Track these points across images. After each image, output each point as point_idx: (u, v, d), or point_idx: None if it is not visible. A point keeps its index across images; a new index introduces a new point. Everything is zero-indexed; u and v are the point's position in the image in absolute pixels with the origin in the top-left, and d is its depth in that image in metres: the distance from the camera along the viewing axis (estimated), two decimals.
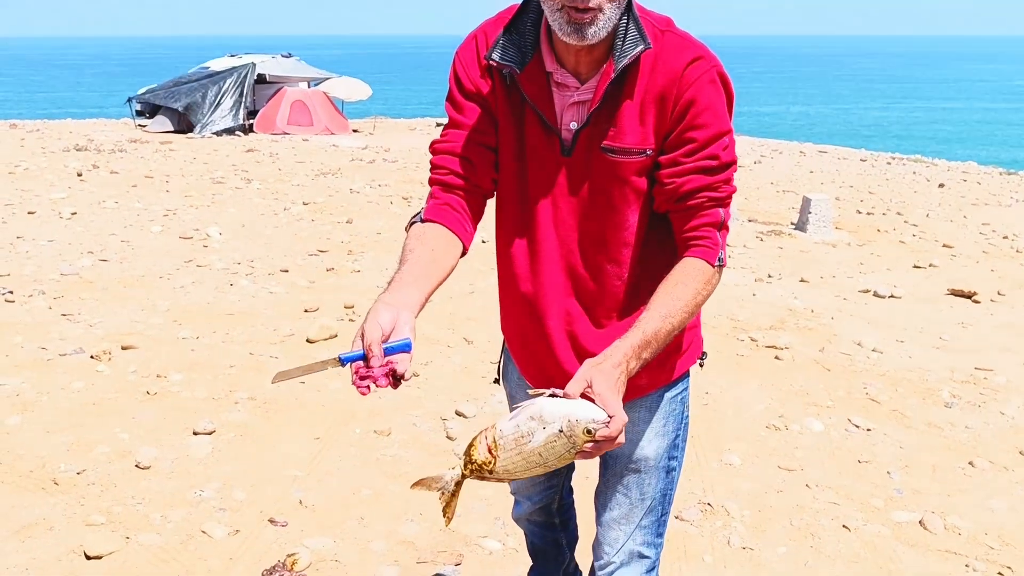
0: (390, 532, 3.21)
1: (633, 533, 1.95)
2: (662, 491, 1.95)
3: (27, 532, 3.09)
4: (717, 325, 5.79)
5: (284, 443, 3.86)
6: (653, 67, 1.61)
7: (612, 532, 1.97)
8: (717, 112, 1.60)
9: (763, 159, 15.38)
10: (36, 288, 5.94)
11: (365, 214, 9.16)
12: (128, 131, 16.53)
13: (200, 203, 9.39)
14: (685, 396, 1.93)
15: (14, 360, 4.64)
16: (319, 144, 15.61)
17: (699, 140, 1.60)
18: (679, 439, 1.95)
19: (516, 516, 2.38)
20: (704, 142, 1.60)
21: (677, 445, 1.95)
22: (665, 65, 1.60)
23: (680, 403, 1.92)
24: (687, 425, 1.98)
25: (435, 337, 5.29)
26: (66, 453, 3.66)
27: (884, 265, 7.70)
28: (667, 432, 1.91)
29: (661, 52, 1.61)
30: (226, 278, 6.47)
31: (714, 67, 1.61)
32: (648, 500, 1.94)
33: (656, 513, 1.96)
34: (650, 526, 1.96)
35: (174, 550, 3.02)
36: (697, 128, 1.60)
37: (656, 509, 1.95)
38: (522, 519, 2.37)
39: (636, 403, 1.83)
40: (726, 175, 1.63)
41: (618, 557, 1.97)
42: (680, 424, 1.94)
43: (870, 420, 4.34)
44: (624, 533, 1.95)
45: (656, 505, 1.95)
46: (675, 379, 1.88)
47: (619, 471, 1.93)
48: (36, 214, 8.39)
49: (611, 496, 1.96)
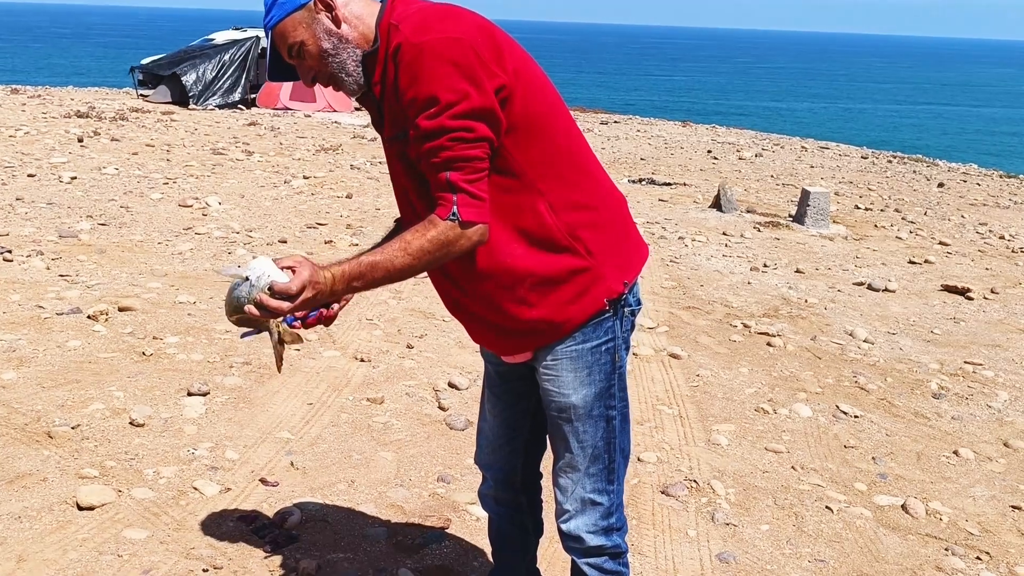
0: (379, 496, 3.25)
1: (581, 480, 2.04)
2: (604, 439, 2.02)
3: (20, 482, 3.12)
4: (711, 311, 5.83)
5: (277, 407, 3.89)
6: (385, 65, 1.82)
7: (561, 480, 2.08)
8: (418, 85, 1.73)
9: (764, 152, 15.39)
10: (34, 249, 5.96)
11: (365, 190, 9.17)
12: (130, 100, 16.48)
13: (200, 173, 9.39)
14: (611, 347, 1.99)
15: (12, 317, 4.66)
16: (321, 120, 15.58)
17: (410, 117, 1.76)
18: (614, 388, 2.01)
19: (482, 493, 2.43)
20: (412, 119, 1.75)
21: (613, 395, 2.01)
22: (389, 60, 1.81)
23: (606, 354, 1.98)
24: (622, 376, 2.04)
25: (431, 311, 5.33)
26: (60, 408, 3.69)
27: (879, 260, 7.74)
28: (593, 382, 1.98)
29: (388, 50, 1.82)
30: (224, 246, 6.49)
31: (409, 47, 1.74)
32: (590, 448, 2.02)
33: (603, 461, 2.04)
34: (598, 474, 2.04)
35: (166, 504, 3.06)
36: (408, 106, 1.76)
37: (602, 457, 2.03)
38: (488, 497, 2.41)
39: (558, 353, 1.97)
40: (438, 142, 1.73)
41: (571, 505, 2.07)
42: (610, 374, 2.00)
43: (858, 407, 4.38)
44: (572, 481, 2.06)
45: (601, 453, 2.03)
46: (577, 326, 1.94)
47: (555, 421, 2.04)
48: (36, 177, 8.39)
49: (555, 446, 2.09)
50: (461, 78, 1.71)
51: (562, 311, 1.92)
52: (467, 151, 1.73)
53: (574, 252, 1.89)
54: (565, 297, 1.91)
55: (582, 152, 1.96)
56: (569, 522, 2.08)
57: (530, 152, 1.84)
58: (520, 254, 1.87)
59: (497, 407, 2.27)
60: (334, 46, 1.83)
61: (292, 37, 1.83)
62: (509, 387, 2.22)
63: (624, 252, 2.00)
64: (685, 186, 11.00)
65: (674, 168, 12.65)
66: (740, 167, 13.37)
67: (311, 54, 1.84)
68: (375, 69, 1.84)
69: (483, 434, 2.34)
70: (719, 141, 16.76)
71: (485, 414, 2.32)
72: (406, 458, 3.56)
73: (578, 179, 1.92)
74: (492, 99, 1.74)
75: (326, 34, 1.82)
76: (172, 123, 13.31)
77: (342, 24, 1.83)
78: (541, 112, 1.86)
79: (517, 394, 2.22)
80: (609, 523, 2.07)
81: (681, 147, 15.29)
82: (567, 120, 1.95)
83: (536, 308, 1.91)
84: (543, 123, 1.86)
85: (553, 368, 1.98)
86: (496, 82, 1.75)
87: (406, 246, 1.77)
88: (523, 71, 1.83)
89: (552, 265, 1.89)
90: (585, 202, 1.92)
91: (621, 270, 1.97)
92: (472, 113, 1.72)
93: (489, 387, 2.28)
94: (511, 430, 2.27)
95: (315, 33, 1.82)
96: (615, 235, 1.98)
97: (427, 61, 1.72)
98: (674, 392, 4.43)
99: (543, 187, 1.86)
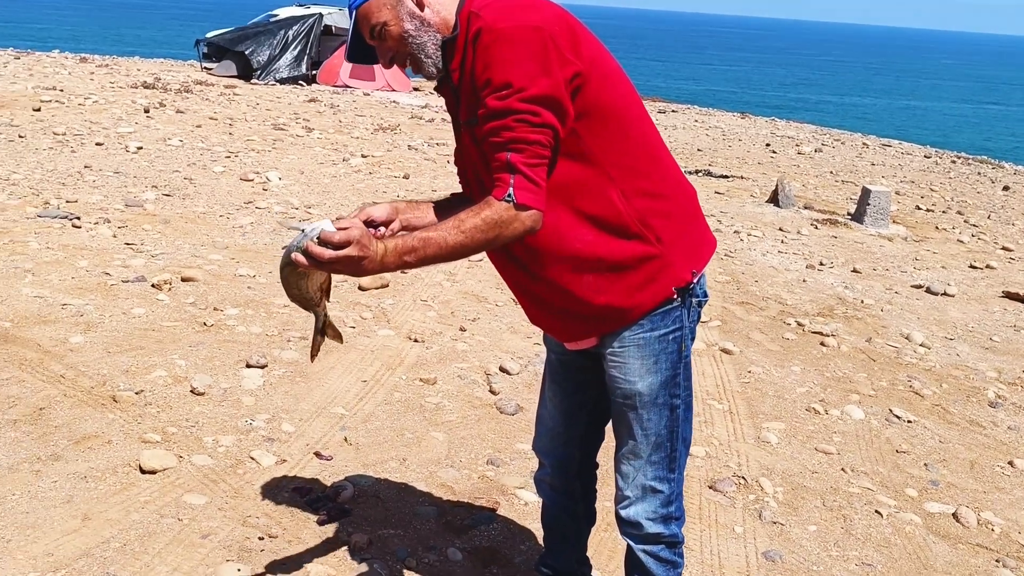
0: (430, 475, 3.31)
1: (643, 467, 2.08)
2: (668, 427, 2.05)
3: (87, 443, 3.24)
4: (765, 307, 5.78)
5: (332, 382, 3.97)
6: (463, 49, 1.87)
7: (623, 466, 2.11)
8: (492, 68, 1.77)
9: (824, 147, 15.15)
10: (101, 216, 6.12)
11: (422, 171, 9.24)
12: (194, 73, 16.76)
13: (261, 148, 9.53)
14: (678, 336, 2.01)
15: (80, 282, 4.81)
16: (379, 99, 15.71)
17: (480, 97, 1.80)
18: (679, 377, 2.04)
19: (537, 478, 2.47)
20: (483, 99, 1.79)
21: (678, 384, 2.04)
22: (469, 46, 1.85)
23: (673, 343, 2.01)
24: (688, 365, 2.06)
25: (484, 295, 5.37)
26: (125, 374, 3.81)
27: (939, 263, 7.60)
28: (660, 370, 2.01)
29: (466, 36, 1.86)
30: (283, 221, 6.60)
31: (489, 31, 1.78)
32: (653, 436, 2.05)
33: (665, 449, 2.06)
34: (660, 462, 2.07)
35: (224, 472, 3.15)
36: (480, 88, 1.80)
37: (664, 445, 2.06)
38: (543, 483, 2.44)
39: (626, 340, 2.00)
40: (503, 121, 1.76)
41: (631, 492, 2.10)
42: (676, 363, 2.03)
43: (911, 412, 4.33)
44: (634, 468, 2.09)
45: (664, 441, 2.06)
46: (645, 313, 1.97)
47: (619, 408, 2.07)
48: (104, 146, 8.60)
49: (618, 432, 2.12)
50: (535, 65, 1.75)
51: (630, 297, 1.94)
52: (530, 134, 1.76)
53: (644, 239, 1.92)
54: (634, 284, 1.93)
55: (654, 142, 1.99)
56: (629, 508, 2.11)
57: (603, 139, 1.87)
58: (590, 239, 1.89)
59: (558, 395, 2.29)
60: (416, 28, 1.87)
61: (376, 18, 1.88)
62: (570, 376, 2.25)
63: (693, 242, 2.02)
64: (742, 179, 10.89)
65: (731, 160, 12.52)
66: (799, 162, 13.19)
67: (392, 35, 1.89)
68: (454, 55, 1.88)
69: (542, 421, 2.37)
70: (778, 134, 16.55)
71: (545, 401, 2.35)
72: (457, 439, 3.61)
73: (650, 168, 1.95)
74: (562, 89, 1.77)
75: (409, 16, 1.87)
76: (235, 97, 13.52)
77: (425, 7, 1.88)
78: (615, 101, 1.90)
79: (577, 383, 2.25)
80: (668, 511, 2.11)
81: (739, 139, 15.12)
82: (640, 110, 1.97)
83: (604, 294, 1.94)
84: (616, 111, 1.89)
85: (620, 355, 2.01)
86: (570, 69, 1.79)
87: (459, 224, 1.78)
88: (598, 60, 1.87)
89: (622, 251, 1.91)
90: (656, 190, 1.95)
91: (690, 259, 2.00)
92: (540, 99, 1.75)
93: (550, 375, 2.31)
94: (570, 419, 2.30)
95: (398, 14, 1.87)
96: (684, 225, 2.00)
97: (504, 46, 1.76)
98: (725, 387, 4.42)
99: (615, 174, 1.89)
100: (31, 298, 4.50)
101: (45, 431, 3.28)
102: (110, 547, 2.66)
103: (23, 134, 8.67)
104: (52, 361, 3.84)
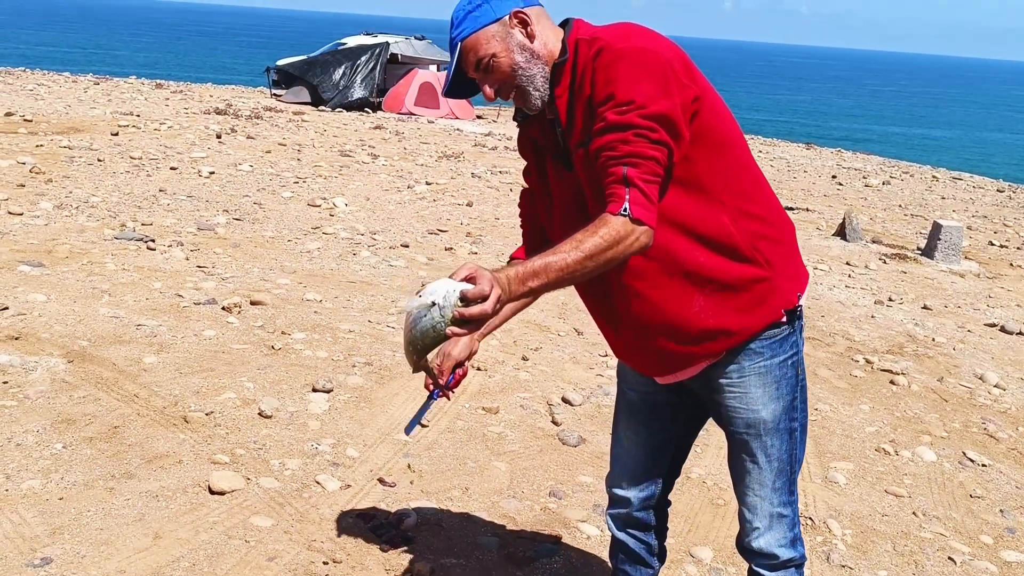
0: (492, 505, 3.31)
1: (769, 496, 2.09)
2: (788, 451, 2.07)
3: (159, 462, 3.31)
4: (832, 343, 5.68)
5: (396, 409, 4.00)
6: (571, 73, 1.89)
7: (749, 498, 2.12)
8: (614, 84, 1.78)
9: (892, 180, 14.88)
10: (175, 239, 6.29)
11: (485, 199, 9.32)
12: (264, 99, 17.20)
13: (328, 174, 9.72)
14: (795, 360, 2.04)
15: (153, 303, 4.94)
16: (444, 127, 15.90)
17: (599, 112, 1.80)
18: (797, 401, 2.07)
19: (611, 514, 2.41)
20: (602, 113, 1.79)
21: (796, 407, 2.07)
22: (580, 67, 1.88)
23: (791, 367, 2.04)
24: (804, 388, 2.09)
25: (546, 325, 5.37)
26: (196, 395, 3.90)
27: (1014, 301, 7.38)
28: (781, 395, 2.03)
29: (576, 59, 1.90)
30: (349, 247, 6.71)
31: (611, 51, 1.81)
32: (776, 462, 2.07)
33: (786, 474, 2.09)
34: (783, 487, 2.09)
35: (290, 495, 3.19)
36: (600, 104, 1.80)
37: (785, 470, 2.08)
38: (618, 519, 2.39)
39: (746, 370, 2.01)
40: (622, 135, 1.75)
41: (761, 522, 2.11)
42: (795, 387, 2.06)
43: (986, 456, 4.20)
44: (761, 498, 2.10)
45: (784, 466, 2.08)
46: (752, 336, 1.98)
47: (741, 438, 2.07)
48: (177, 170, 8.85)
49: (741, 463, 2.11)
50: (655, 85, 1.78)
51: (739, 320, 1.95)
52: (648, 149, 1.76)
53: (755, 262, 1.93)
54: (742, 305, 1.94)
55: (758, 171, 2.03)
56: (760, 539, 2.11)
57: (715, 163, 1.89)
58: (703, 261, 1.90)
59: (641, 435, 2.27)
60: (526, 60, 1.89)
61: (484, 50, 1.89)
62: (656, 413, 2.24)
63: (795, 267, 2.05)
64: (808, 211, 10.75)
65: (797, 192, 12.37)
66: (866, 194, 12.97)
67: (501, 67, 1.90)
68: (561, 80, 1.90)
69: (620, 461, 2.34)
70: (844, 166, 16.31)
71: (621, 440, 2.32)
72: (519, 470, 3.61)
73: (757, 195, 1.98)
74: (678, 111, 1.80)
75: (519, 48, 1.89)
76: (303, 124, 13.81)
77: (535, 39, 1.91)
78: (724, 127, 1.93)
79: (664, 420, 2.24)
80: (795, 534, 2.13)
81: (804, 171, 14.94)
82: (744, 140, 2.01)
83: (712, 316, 1.94)
84: (726, 138, 1.92)
85: (740, 385, 2.02)
86: (689, 93, 1.82)
87: (578, 244, 1.72)
88: (709, 90, 1.91)
89: (733, 272, 1.92)
90: (763, 215, 1.97)
91: (794, 283, 2.02)
92: (659, 117, 1.77)
93: (631, 415, 2.28)
94: (655, 456, 2.29)
95: (508, 46, 1.89)
96: (787, 250, 2.03)
97: (627, 65, 1.79)
98: None
99: (726, 199, 1.91)
100: (107, 318, 4.63)
101: (119, 449, 3.36)
102: (179, 566, 2.71)
103: (102, 158, 8.98)
104: (126, 381, 3.95)
